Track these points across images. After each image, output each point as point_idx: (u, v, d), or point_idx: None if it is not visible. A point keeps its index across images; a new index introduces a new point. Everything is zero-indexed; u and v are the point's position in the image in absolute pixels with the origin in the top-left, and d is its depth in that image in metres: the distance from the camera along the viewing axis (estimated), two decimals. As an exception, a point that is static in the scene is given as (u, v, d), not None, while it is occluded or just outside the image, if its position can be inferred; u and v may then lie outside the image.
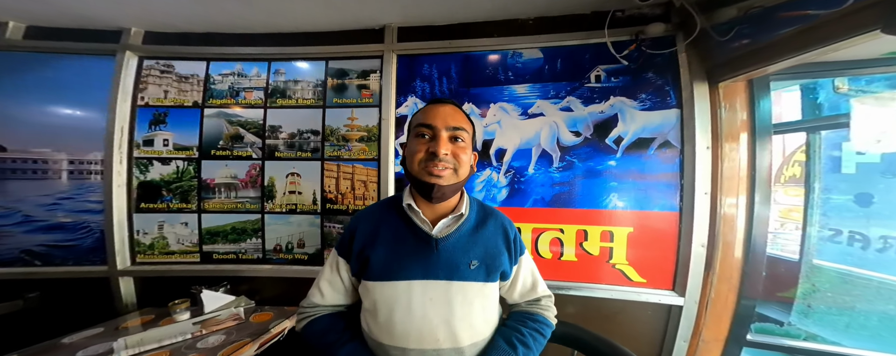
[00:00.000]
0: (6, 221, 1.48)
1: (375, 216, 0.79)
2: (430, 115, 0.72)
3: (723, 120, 1.27)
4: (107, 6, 1.37)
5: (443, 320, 0.69)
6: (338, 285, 0.79)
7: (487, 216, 0.83)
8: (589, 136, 1.40)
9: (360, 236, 0.75)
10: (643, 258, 1.36)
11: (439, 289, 0.70)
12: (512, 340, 0.73)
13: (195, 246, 1.52)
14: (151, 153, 1.53)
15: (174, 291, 1.39)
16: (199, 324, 1.23)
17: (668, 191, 1.34)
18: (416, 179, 0.72)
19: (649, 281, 1.36)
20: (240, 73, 1.55)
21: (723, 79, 1.23)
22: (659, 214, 1.35)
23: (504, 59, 1.48)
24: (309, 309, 0.79)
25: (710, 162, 1.27)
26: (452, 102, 0.78)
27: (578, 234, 1.41)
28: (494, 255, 0.76)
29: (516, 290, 0.85)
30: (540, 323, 0.80)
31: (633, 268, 1.37)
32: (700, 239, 1.26)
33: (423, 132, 0.72)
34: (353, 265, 0.75)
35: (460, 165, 0.72)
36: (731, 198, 1.27)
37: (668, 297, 1.31)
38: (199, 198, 1.52)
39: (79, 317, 1.31)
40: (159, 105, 1.53)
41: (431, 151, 0.69)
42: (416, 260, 0.71)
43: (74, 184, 1.52)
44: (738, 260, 1.27)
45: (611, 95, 1.38)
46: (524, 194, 1.46)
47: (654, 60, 1.34)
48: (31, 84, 1.50)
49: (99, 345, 1.09)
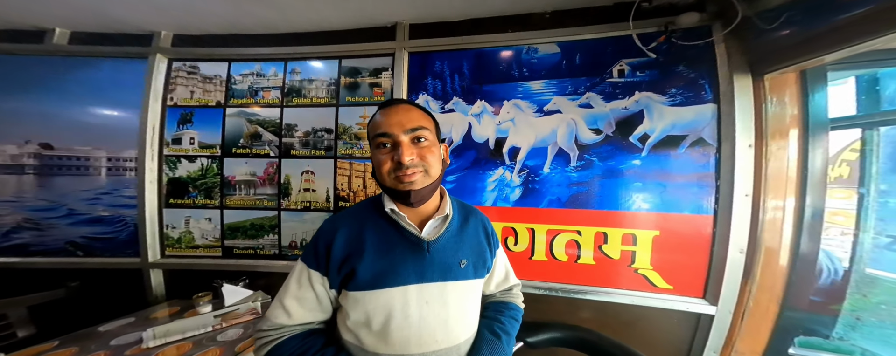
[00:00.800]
0: (53, 214, 1.61)
1: (354, 223, 0.73)
2: (385, 123, 0.68)
3: (769, 115, 1.17)
4: (140, 11, 1.44)
5: (440, 321, 0.69)
6: (309, 302, 0.70)
7: (469, 214, 0.84)
8: (611, 134, 1.34)
9: (339, 245, 0.70)
10: (670, 263, 1.29)
11: (435, 291, 0.69)
12: (495, 330, 0.77)
13: (217, 241, 1.59)
14: (179, 151, 1.60)
15: (198, 284, 1.45)
16: (220, 317, 1.28)
17: (701, 193, 1.25)
18: (391, 190, 0.71)
19: (676, 287, 1.28)
20: (259, 73, 1.59)
21: (769, 70, 1.13)
22: (690, 217, 1.27)
23: (518, 55, 1.44)
24: (271, 332, 0.68)
25: (753, 161, 1.18)
26: (404, 101, 0.75)
27: (597, 237, 1.35)
28: (480, 252, 0.79)
29: (493, 282, 0.89)
30: (514, 310, 0.86)
31: (658, 273, 1.30)
32: (738, 244, 1.18)
33: (383, 141, 0.68)
34: (333, 277, 0.69)
35: (430, 165, 0.69)
36: (776, 200, 1.17)
37: (698, 305, 1.23)
38: (222, 194, 1.59)
39: (114, 306, 1.40)
40: (186, 105, 1.61)
41: (397, 161, 0.66)
42: (409, 264, 0.69)
43: (112, 180, 1.62)
44: (783, 268, 1.17)
45: (636, 90, 1.31)
46: (539, 194, 1.41)
47: (687, 53, 1.26)
48: (75, 86, 1.61)
49: (130, 335, 1.17)
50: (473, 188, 1.47)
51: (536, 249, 1.42)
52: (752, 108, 1.18)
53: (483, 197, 1.47)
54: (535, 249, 1.42)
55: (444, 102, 1.49)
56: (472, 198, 1.47)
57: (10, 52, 1.58)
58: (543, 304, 1.40)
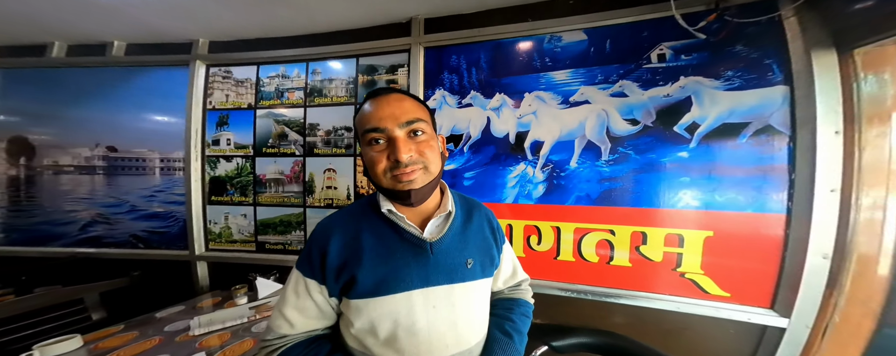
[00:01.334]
0: (119, 210, 1.82)
1: (349, 227, 0.68)
2: (376, 116, 0.61)
3: (862, 96, 0.97)
4: (181, 21, 1.55)
5: (449, 325, 0.65)
6: (309, 311, 0.66)
7: (472, 209, 0.78)
8: (650, 124, 1.22)
9: (334, 251, 0.65)
10: (727, 268, 1.15)
11: (441, 294, 0.65)
12: (506, 329, 0.73)
13: (252, 236, 1.69)
14: (218, 151, 1.72)
15: (236, 276, 1.56)
16: (254, 309, 1.36)
17: (769, 188, 1.10)
18: (388, 190, 0.65)
19: (734, 295, 1.15)
20: (283, 75, 1.65)
21: (860, 44, 0.94)
22: (753, 216, 1.12)
23: (539, 45, 1.35)
24: (275, 341, 0.66)
25: (841, 150, 1.00)
26: (395, 90, 0.67)
27: (634, 237, 1.25)
28: (486, 249, 0.74)
29: (501, 278, 0.84)
30: (524, 307, 0.82)
31: (710, 278, 1.17)
32: (821, 248, 1.02)
33: (375, 137, 0.61)
34: (331, 286, 0.64)
35: (430, 161, 0.63)
36: (873, 197, 0.98)
37: (764, 317, 1.09)
38: (255, 192, 1.68)
39: (168, 294, 1.54)
40: (223, 108, 1.71)
41: (394, 159, 0.60)
42: (412, 268, 0.64)
43: (165, 179, 1.79)
44: (882, 278, 0.97)
45: (681, 75, 1.18)
46: (565, 190, 1.32)
47: (745, 30, 1.11)
48: (131, 93, 1.79)
49: (180, 322, 1.27)
50: (493, 185, 1.41)
51: (562, 249, 1.35)
52: (839, 89, 0.99)
53: (503, 193, 1.40)
54: (561, 249, 1.35)
55: (462, 97, 1.44)
56: (491, 195, 1.41)
57: (79, 65, 1.79)
58: (570, 307, 1.33)
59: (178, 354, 1.04)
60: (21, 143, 1.88)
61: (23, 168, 1.88)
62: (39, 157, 1.88)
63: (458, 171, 1.46)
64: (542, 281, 1.36)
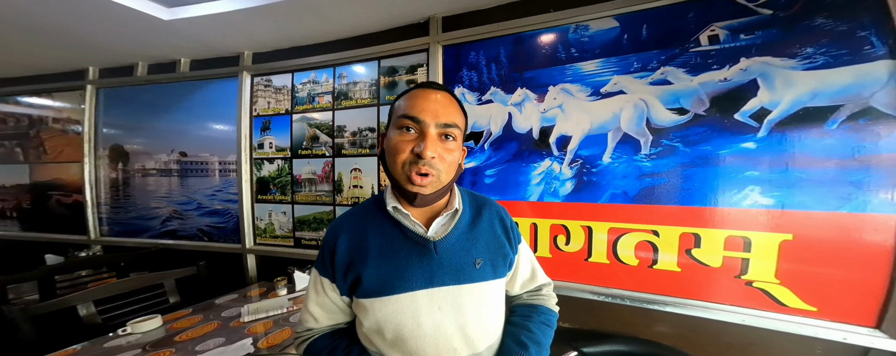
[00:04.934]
0: (189, 207, 2.09)
1: (356, 225, 0.69)
2: (419, 106, 0.60)
3: None
4: (231, 37, 1.71)
5: (457, 328, 0.62)
6: (328, 307, 0.70)
7: (481, 206, 0.74)
8: (703, 113, 1.09)
9: (342, 251, 0.66)
10: (811, 277, 1.01)
11: (447, 295, 0.63)
12: (522, 339, 0.67)
13: (290, 232, 1.82)
14: (262, 154, 1.88)
15: (278, 269, 1.70)
16: (292, 300, 1.46)
17: (873, 183, 0.93)
18: (397, 182, 0.64)
19: (823, 310, 1.00)
20: (314, 81, 1.74)
21: None
22: (849, 217, 0.95)
23: (564, 36, 1.27)
24: (304, 333, 0.73)
25: None
26: (445, 89, 0.66)
27: (684, 239, 1.13)
28: (497, 248, 0.70)
29: (517, 282, 0.78)
30: (545, 314, 0.75)
31: (788, 289, 1.02)
32: None
33: (408, 125, 0.60)
34: (340, 284, 0.66)
35: (443, 170, 0.62)
36: None
37: (868, 338, 0.94)
38: (292, 191, 1.81)
39: (225, 283, 1.74)
40: (265, 114, 1.86)
41: (416, 153, 0.59)
42: (415, 268, 0.63)
43: (222, 180, 2.01)
44: None
45: (741, 57, 1.05)
46: (597, 187, 1.23)
47: (826, 0, 0.96)
48: (195, 104, 2.03)
49: (233, 308, 1.42)
50: (516, 182, 1.35)
51: (595, 250, 1.26)
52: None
53: (527, 191, 1.33)
54: (594, 250, 1.26)
55: (481, 93, 1.40)
56: (514, 193, 1.35)
57: (156, 82, 2.07)
58: (604, 312, 1.26)
59: (231, 338, 1.16)
60: (119, 151, 2.25)
61: (120, 172, 2.26)
62: (132, 163, 2.23)
63: (478, 169, 1.41)
64: (570, 283, 1.28)
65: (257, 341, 1.13)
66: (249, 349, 1.08)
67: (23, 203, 2.47)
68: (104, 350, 1.09)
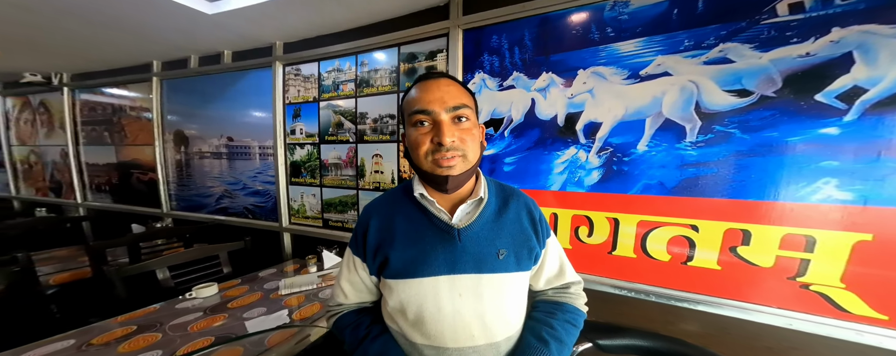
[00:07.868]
0: (236, 187, 2.30)
1: (387, 209, 0.73)
2: (426, 99, 0.61)
3: None
4: (266, 26, 1.77)
5: (476, 315, 0.64)
6: (358, 284, 0.75)
7: (509, 197, 0.74)
8: (772, 94, 0.95)
9: (372, 232, 0.70)
10: (889, 283, 0.89)
11: (468, 283, 0.64)
12: (542, 335, 0.66)
13: (319, 213, 1.93)
14: (294, 140, 1.99)
15: (308, 247, 1.83)
16: (321, 277, 1.57)
17: None
18: (427, 173, 0.65)
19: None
20: (338, 69, 1.77)
21: None
22: None
23: (598, 14, 1.15)
24: (335, 307, 0.78)
25: None
26: (444, 75, 0.66)
27: (729, 235, 1.04)
28: (523, 241, 0.70)
29: (542, 277, 0.77)
30: (571, 313, 0.74)
31: (855, 294, 0.92)
32: None
33: (421, 119, 0.62)
34: (370, 264, 0.71)
35: (469, 149, 0.63)
36: None
37: None
38: (320, 175, 1.90)
39: (267, 257, 1.91)
40: (296, 102, 1.95)
41: (437, 142, 0.61)
42: (439, 254, 0.65)
43: (262, 163, 2.17)
44: None
45: (834, 27, 0.89)
46: (628, 177, 1.15)
47: None
48: (238, 93, 2.18)
49: (273, 282, 1.57)
50: (537, 171, 1.30)
51: (620, 243, 1.19)
52: None
53: (548, 180, 1.27)
54: (619, 243, 1.20)
55: (503, 79, 1.33)
56: (534, 181, 1.30)
57: (206, 73, 2.25)
58: (625, 307, 1.21)
59: (271, 309, 1.28)
60: (180, 135, 2.52)
61: (183, 154, 2.54)
62: (191, 146, 2.50)
63: (498, 157, 1.36)
64: (591, 276, 1.24)
65: (292, 313, 1.25)
66: (286, 320, 1.20)
67: (112, 179, 2.90)
68: (176, 311, 1.26)
